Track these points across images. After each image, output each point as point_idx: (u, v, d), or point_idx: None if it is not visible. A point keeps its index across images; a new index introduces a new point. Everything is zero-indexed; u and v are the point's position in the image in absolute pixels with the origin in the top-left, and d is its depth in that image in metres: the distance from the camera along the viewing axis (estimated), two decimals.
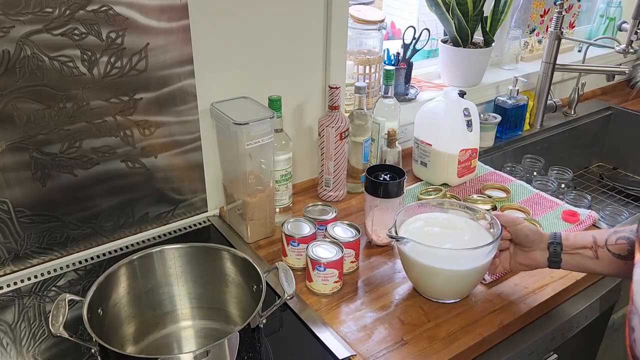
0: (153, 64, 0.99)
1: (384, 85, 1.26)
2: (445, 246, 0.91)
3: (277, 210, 1.16)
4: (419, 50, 1.53)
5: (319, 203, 1.14)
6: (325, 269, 0.94)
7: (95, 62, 0.93)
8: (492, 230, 0.94)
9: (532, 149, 1.68)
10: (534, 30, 1.94)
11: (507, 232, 0.92)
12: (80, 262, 1.03)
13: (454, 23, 1.54)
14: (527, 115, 1.70)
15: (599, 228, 1.19)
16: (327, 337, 0.86)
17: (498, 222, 0.92)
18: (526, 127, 1.73)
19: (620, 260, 0.84)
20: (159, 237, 1.12)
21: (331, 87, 1.15)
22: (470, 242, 0.91)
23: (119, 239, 1.09)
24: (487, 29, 1.58)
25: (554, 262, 0.89)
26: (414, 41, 1.51)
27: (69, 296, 0.74)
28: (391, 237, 0.92)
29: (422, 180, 1.37)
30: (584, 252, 0.86)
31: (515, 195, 1.31)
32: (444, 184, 1.34)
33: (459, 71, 1.62)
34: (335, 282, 0.96)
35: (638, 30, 1.62)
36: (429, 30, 1.56)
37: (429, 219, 0.99)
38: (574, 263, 0.88)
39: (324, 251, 0.96)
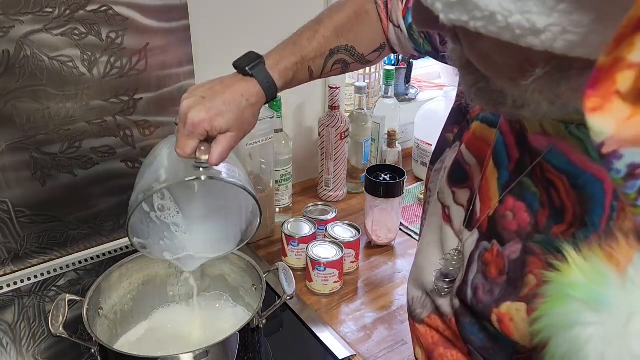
0: (153, 64, 0.99)
1: (384, 85, 1.26)
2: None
3: (277, 210, 1.16)
4: None
5: (319, 203, 1.14)
6: (325, 269, 0.93)
7: (95, 62, 0.93)
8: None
9: None
10: None
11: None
12: (80, 262, 1.03)
13: None
14: None
15: None
16: (327, 337, 0.86)
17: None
18: None
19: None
20: None
21: (331, 87, 1.15)
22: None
23: (119, 239, 1.09)
24: None
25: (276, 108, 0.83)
26: None
27: (69, 296, 0.74)
28: None
29: (422, 180, 1.37)
30: (302, 81, 0.77)
31: None
32: None
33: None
34: (335, 282, 0.96)
35: None
36: None
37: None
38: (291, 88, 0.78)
39: (324, 251, 0.96)
